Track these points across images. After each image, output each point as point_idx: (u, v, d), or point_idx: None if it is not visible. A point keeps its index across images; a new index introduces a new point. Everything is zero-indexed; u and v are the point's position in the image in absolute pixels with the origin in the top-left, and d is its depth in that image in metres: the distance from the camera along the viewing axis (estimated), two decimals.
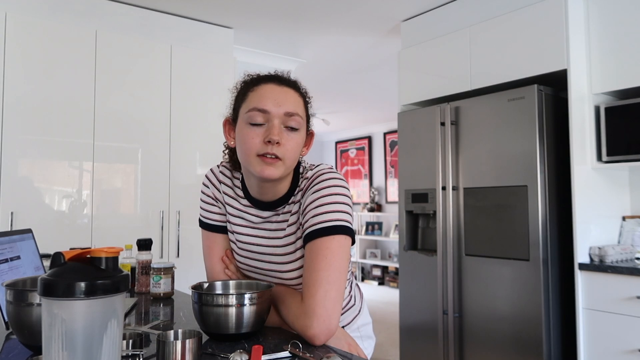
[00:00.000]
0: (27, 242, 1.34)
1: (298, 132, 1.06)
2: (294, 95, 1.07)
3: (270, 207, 1.12)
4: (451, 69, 3.06)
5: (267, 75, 1.09)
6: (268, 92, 1.04)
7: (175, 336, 0.92)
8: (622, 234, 2.69)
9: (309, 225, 1.03)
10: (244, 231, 1.17)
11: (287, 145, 1.03)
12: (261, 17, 3.44)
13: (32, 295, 0.90)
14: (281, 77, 1.09)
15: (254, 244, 1.16)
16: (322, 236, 1.01)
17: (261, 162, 1.01)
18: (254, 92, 1.06)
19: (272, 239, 1.13)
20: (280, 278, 1.13)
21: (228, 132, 1.13)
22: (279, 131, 1.02)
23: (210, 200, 1.21)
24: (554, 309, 2.50)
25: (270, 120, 1.03)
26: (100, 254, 0.68)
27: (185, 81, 3.29)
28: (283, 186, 1.10)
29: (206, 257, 1.23)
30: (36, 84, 2.76)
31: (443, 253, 2.90)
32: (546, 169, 2.53)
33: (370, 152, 7.86)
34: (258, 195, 1.12)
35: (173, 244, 3.18)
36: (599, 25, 2.58)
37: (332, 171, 1.08)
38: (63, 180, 2.83)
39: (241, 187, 1.17)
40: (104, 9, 3.09)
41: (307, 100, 1.12)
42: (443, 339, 2.87)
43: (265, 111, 1.02)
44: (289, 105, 1.04)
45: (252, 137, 1.02)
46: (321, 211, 1.02)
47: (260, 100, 1.03)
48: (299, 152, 1.07)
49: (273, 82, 1.07)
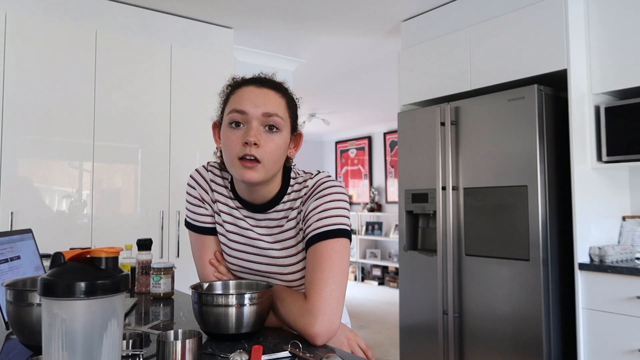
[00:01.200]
0: (27, 242, 1.34)
1: (279, 133, 1.06)
2: (274, 96, 1.07)
3: (261, 210, 1.13)
4: (451, 69, 3.06)
5: (250, 78, 1.11)
6: (247, 94, 1.06)
7: (175, 336, 0.92)
8: (622, 234, 2.69)
9: (314, 229, 1.05)
10: (236, 231, 1.16)
11: (266, 147, 1.03)
12: (261, 17, 3.44)
13: (32, 295, 0.90)
14: (262, 79, 1.11)
15: (247, 244, 1.16)
16: (327, 239, 1.04)
17: (241, 166, 1.03)
18: (234, 94, 1.08)
19: (267, 242, 1.14)
20: (280, 280, 1.14)
21: (217, 135, 1.15)
22: (256, 132, 1.03)
23: (197, 202, 1.20)
24: (554, 309, 2.50)
25: (248, 121, 1.04)
26: (100, 254, 0.68)
27: (185, 81, 3.29)
28: (271, 188, 1.11)
29: (197, 259, 1.22)
30: (36, 83, 2.76)
31: (443, 253, 2.90)
32: (546, 169, 2.53)
33: (370, 152, 7.87)
34: (248, 198, 1.13)
35: (173, 244, 3.18)
36: (599, 25, 2.58)
37: (332, 179, 1.11)
38: (63, 180, 2.83)
39: (230, 188, 1.17)
40: (104, 9, 3.09)
41: (290, 101, 1.12)
42: (443, 339, 2.87)
43: (243, 112, 1.04)
44: (267, 106, 1.05)
45: (232, 139, 1.04)
46: (325, 215, 1.06)
47: (239, 102, 1.05)
48: (280, 154, 1.07)
49: (253, 84, 1.08)
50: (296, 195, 1.12)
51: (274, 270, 1.14)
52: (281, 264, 1.13)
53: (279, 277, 1.14)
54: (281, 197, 1.12)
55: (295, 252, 1.12)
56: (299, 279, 1.12)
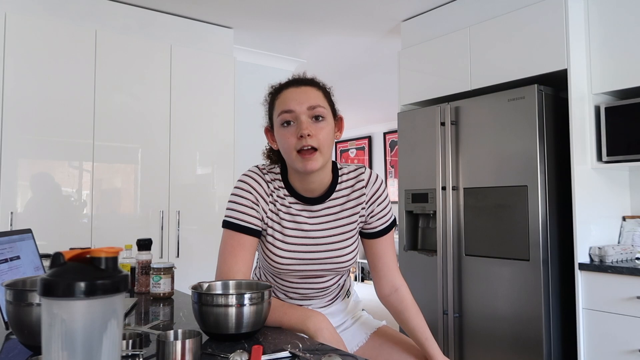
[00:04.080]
0: (27, 242, 1.34)
1: (325, 120, 1.20)
2: (312, 90, 1.22)
3: (319, 201, 1.26)
4: (451, 69, 3.06)
5: (287, 81, 1.26)
6: (289, 94, 1.21)
7: (175, 336, 0.92)
8: (622, 234, 2.69)
9: (384, 222, 1.32)
10: (293, 226, 1.25)
11: (319, 135, 1.17)
12: (261, 17, 3.44)
13: (32, 295, 0.90)
14: (298, 79, 1.26)
15: (303, 237, 1.25)
16: (391, 229, 1.34)
17: (301, 158, 1.16)
18: (278, 99, 1.22)
19: (322, 230, 1.26)
20: (333, 262, 1.26)
21: (271, 139, 1.28)
22: (307, 125, 1.16)
23: (251, 204, 1.22)
24: (554, 309, 2.50)
25: (297, 118, 1.17)
26: (100, 254, 0.68)
27: (185, 81, 3.29)
28: (325, 176, 1.24)
29: (227, 256, 1.21)
30: (36, 83, 2.76)
31: (443, 253, 2.90)
32: (546, 169, 2.53)
33: (370, 152, 7.86)
34: (304, 192, 1.25)
35: (173, 244, 3.18)
36: (599, 25, 2.58)
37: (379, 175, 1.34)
38: (63, 180, 2.83)
39: (284, 186, 1.27)
40: (104, 9, 3.09)
41: (327, 91, 1.27)
42: (443, 339, 2.87)
43: (290, 111, 1.18)
44: (309, 100, 1.19)
45: (287, 136, 1.18)
46: (387, 210, 1.33)
47: (285, 104, 1.19)
48: (331, 139, 1.21)
49: (292, 85, 1.23)
50: (346, 185, 1.28)
51: (327, 256, 1.26)
52: (335, 248, 1.26)
53: (332, 261, 1.26)
54: (334, 186, 1.27)
55: (349, 237, 1.28)
56: (350, 260, 1.28)
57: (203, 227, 3.31)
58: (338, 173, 1.29)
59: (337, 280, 1.34)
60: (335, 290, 1.37)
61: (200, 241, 3.29)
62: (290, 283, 1.29)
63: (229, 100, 3.46)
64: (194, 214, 3.28)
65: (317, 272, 1.27)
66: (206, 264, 3.29)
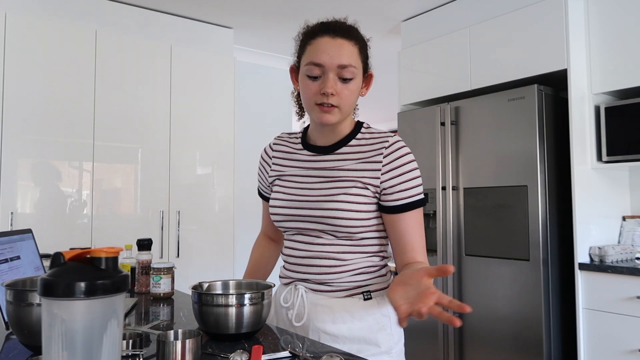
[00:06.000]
0: (27, 242, 1.34)
1: (353, 80, 1.14)
2: (348, 45, 1.13)
3: (329, 150, 1.21)
4: (451, 69, 3.06)
5: (323, 26, 1.17)
6: (322, 45, 1.13)
7: (175, 336, 0.92)
8: (622, 234, 2.69)
9: (405, 196, 1.14)
10: (294, 177, 1.23)
11: (342, 94, 1.13)
12: (261, 17, 3.44)
13: (32, 295, 0.90)
14: (336, 27, 1.15)
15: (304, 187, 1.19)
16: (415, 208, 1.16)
17: (319, 110, 1.13)
18: (311, 45, 1.15)
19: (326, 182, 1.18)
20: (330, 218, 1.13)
21: (294, 78, 1.25)
22: (332, 84, 1.11)
23: (259, 172, 1.37)
24: (554, 309, 2.50)
25: (325, 72, 1.12)
26: (100, 254, 0.68)
27: (185, 81, 3.29)
28: (343, 127, 1.20)
29: (262, 219, 1.46)
30: (36, 83, 2.76)
31: (443, 253, 2.90)
32: (546, 169, 2.53)
33: None
34: (319, 141, 1.23)
35: (173, 244, 3.18)
36: (599, 25, 2.58)
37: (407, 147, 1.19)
38: (63, 180, 2.83)
39: (300, 139, 1.27)
40: (104, 9, 3.09)
41: (363, 46, 1.19)
42: (443, 339, 2.87)
43: (320, 65, 1.12)
44: (342, 58, 1.11)
45: (310, 88, 1.14)
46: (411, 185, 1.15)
47: (315, 54, 1.12)
48: (354, 98, 1.17)
49: (328, 34, 1.14)
50: (365, 143, 1.18)
51: (321, 208, 1.15)
52: (332, 200, 1.14)
53: (326, 214, 1.14)
54: (350, 139, 1.20)
55: (350, 195, 1.14)
56: (344, 221, 1.12)
57: (203, 227, 3.31)
58: (360, 129, 1.22)
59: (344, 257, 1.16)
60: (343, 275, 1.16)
61: (200, 241, 3.29)
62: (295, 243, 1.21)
63: (229, 100, 3.46)
64: (194, 214, 3.28)
65: (312, 230, 1.17)
66: (206, 264, 3.30)
